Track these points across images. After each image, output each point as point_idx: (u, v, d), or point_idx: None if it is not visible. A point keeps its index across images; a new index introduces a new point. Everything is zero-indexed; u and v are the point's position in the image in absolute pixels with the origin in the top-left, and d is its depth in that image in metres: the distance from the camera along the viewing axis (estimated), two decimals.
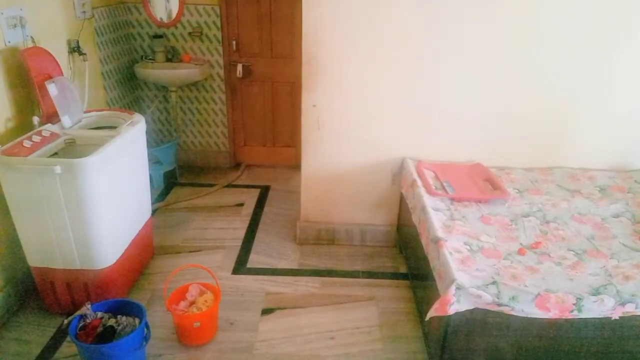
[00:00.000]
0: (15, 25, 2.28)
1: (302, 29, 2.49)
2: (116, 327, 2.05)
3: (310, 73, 2.59)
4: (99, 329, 2.03)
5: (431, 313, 1.76)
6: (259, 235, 3.16)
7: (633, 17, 2.43)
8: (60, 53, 2.69)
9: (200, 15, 3.62)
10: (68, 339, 2.19)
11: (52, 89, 2.30)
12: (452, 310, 1.71)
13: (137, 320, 2.07)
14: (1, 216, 2.23)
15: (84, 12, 2.94)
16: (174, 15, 3.61)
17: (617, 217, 2.26)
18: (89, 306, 2.06)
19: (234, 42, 3.74)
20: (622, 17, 2.43)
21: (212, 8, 3.60)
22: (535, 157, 2.73)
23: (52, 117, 2.44)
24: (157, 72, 3.60)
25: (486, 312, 1.73)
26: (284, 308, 2.47)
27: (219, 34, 3.69)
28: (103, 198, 2.14)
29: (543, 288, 1.72)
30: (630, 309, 1.70)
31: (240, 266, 2.82)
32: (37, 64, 2.33)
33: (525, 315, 1.70)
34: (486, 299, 1.68)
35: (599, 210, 2.32)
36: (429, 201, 2.25)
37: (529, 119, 2.65)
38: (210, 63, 3.77)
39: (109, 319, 2.09)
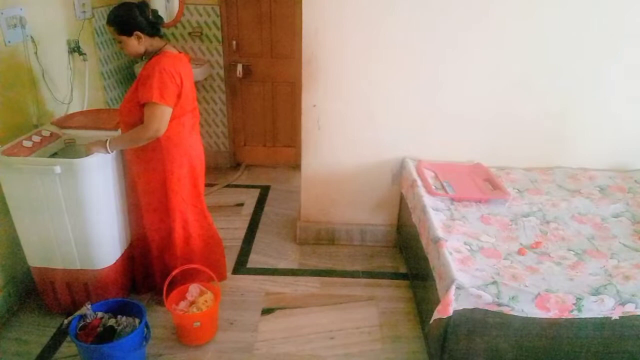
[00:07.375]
0: (15, 25, 2.28)
1: (302, 29, 2.49)
2: (116, 327, 2.05)
3: (310, 73, 2.59)
4: (99, 329, 2.03)
5: (435, 315, 1.76)
6: (259, 235, 3.16)
7: (633, 17, 2.43)
8: (60, 53, 2.69)
9: (200, 15, 3.62)
10: (68, 339, 2.19)
11: None
12: (452, 309, 1.71)
13: (137, 320, 2.07)
14: (1, 216, 2.23)
15: (84, 12, 2.93)
16: (174, 15, 3.60)
17: (617, 217, 2.26)
18: (89, 306, 2.06)
19: (234, 42, 3.73)
20: (622, 17, 2.43)
21: (212, 8, 3.60)
22: (535, 157, 2.73)
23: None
24: None
25: (486, 312, 1.73)
26: (284, 308, 2.47)
27: (219, 34, 3.68)
28: (103, 198, 2.15)
29: (543, 288, 1.72)
30: (630, 309, 1.70)
31: (240, 266, 2.82)
32: None
33: (525, 315, 1.70)
34: (486, 299, 1.68)
35: (599, 210, 2.32)
36: (429, 201, 2.25)
37: (529, 119, 2.65)
38: (211, 63, 3.77)
39: (109, 319, 2.09)
